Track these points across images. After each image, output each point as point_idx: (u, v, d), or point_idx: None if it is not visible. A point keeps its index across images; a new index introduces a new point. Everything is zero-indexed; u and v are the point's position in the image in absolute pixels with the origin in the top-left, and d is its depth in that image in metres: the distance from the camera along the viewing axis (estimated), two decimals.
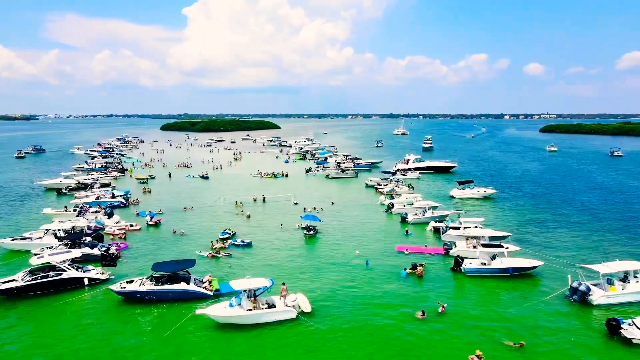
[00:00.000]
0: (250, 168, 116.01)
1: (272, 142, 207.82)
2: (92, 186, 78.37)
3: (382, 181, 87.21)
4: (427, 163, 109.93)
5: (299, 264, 43.18)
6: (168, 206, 68.75)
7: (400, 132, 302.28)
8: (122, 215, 61.37)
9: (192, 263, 35.98)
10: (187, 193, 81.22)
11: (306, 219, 54.53)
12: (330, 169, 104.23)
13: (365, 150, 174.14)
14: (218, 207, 68.44)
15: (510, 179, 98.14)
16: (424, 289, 37.03)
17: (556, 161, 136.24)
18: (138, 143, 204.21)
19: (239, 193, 79.19)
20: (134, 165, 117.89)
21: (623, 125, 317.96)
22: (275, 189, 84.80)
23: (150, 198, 76.57)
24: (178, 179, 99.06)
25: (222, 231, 52.29)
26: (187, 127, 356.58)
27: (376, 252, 46.43)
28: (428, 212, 59.06)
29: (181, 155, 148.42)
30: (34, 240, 46.90)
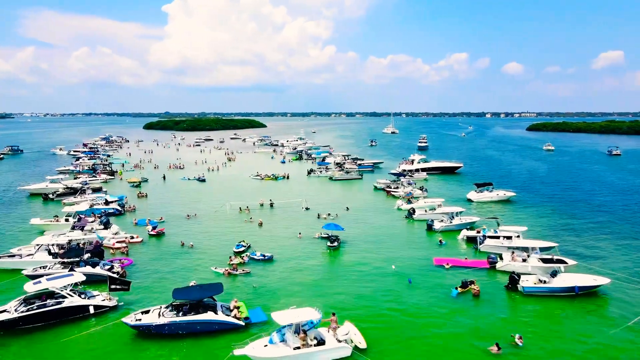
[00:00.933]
0: (246, 169, 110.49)
1: (263, 141, 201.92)
2: (83, 191, 71.98)
3: (391, 183, 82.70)
4: (433, 163, 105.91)
5: (330, 283, 38.25)
6: (168, 213, 63.07)
7: (390, 130, 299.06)
8: (117, 225, 55.65)
9: (220, 288, 30.72)
10: (185, 197, 75.50)
11: (328, 228, 49.55)
12: (334, 171, 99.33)
13: (361, 150, 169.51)
14: (223, 214, 63.02)
15: (520, 180, 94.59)
16: (482, 313, 32.47)
17: (558, 160, 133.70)
18: (123, 143, 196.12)
19: (241, 197, 73.81)
20: (123, 167, 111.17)
21: (609, 124, 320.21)
22: (278, 192, 79.69)
23: (147, 204, 70.65)
24: (173, 181, 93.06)
25: (237, 243, 46.96)
26: (172, 126, 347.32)
27: (412, 266, 41.78)
28: (456, 219, 54.66)
29: (171, 156, 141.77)
30: (25, 258, 41.01)
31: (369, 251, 46.55)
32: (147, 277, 39.54)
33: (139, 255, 45.21)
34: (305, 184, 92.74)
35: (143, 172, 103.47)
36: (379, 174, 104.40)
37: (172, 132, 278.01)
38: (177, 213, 63.62)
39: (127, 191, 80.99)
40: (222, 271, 40.48)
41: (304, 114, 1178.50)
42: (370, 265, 42.32)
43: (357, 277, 39.47)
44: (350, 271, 40.86)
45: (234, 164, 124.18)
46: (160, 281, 38.43)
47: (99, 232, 49.82)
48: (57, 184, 77.80)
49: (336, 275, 39.97)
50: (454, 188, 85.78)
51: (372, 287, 37.05)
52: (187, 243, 48.49)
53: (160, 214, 62.38)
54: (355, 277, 39.48)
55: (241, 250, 45.56)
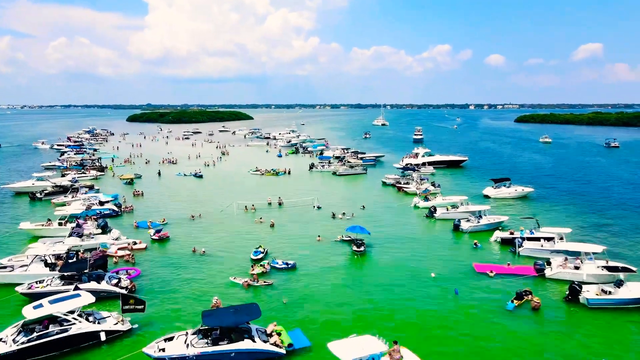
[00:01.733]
0: (243, 164, 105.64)
1: (254, 133, 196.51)
2: (76, 190, 66.54)
3: (401, 179, 78.87)
4: (437, 157, 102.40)
5: (366, 296, 34.23)
6: (169, 214, 58.29)
7: (381, 122, 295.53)
8: (115, 228, 50.81)
9: (257, 311, 26.30)
10: (184, 195, 70.58)
11: (353, 231, 45.40)
12: (337, 165, 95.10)
13: (355, 143, 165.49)
14: (230, 214, 58.44)
15: (528, 174, 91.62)
16: (547, 330, 28.84)
17: (559, 153, 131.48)
18: (108, 136, 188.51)
19: (243, 195, 69.28)
20: (113, 162, 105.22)
21: (596, 115, 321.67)
22: (281, 188, 75.33)
23: (144, 203, 65.58)
24: (168, 178, 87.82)
25: (255, 250, 42.54)
26: (156, 118, 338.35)
27: (452, 274, 38.01)
28: (484, 219, 51.04)
29: (161, 150, 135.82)
30: (17, 270, 36.06)
31: (398, 256, 42.64)
32: (159, 291, 35.01)
33: (144, 265, 40.57)
34: (308, 179, 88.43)
35: (134, 168, 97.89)
36: (382, 169, 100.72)
37: (158, 125, 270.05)
38: (179, 213, 58.85)
39: (120, 189, 75.73)
40: (241, 282, 36.17)
41: (289, 105, 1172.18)
42: (404, 273, 38.44)
43: (395, 288, 35.51)
44: (385, 281, 36.88)
45: (228, 158, 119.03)
46: (174, 296, 33.96)
47: (98, 238, 44.98)
48: (44, 181, 72.05)
49: (371, 286, 35.95)
50: (464, 183, 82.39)
51: (414, 300, 33.17)
52: (198, 249, 43.89)
53: (161, 214, 57.60)
54: (392, 288, 35.52)
55: (260, 258, 41.21)
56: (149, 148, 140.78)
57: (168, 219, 55.38)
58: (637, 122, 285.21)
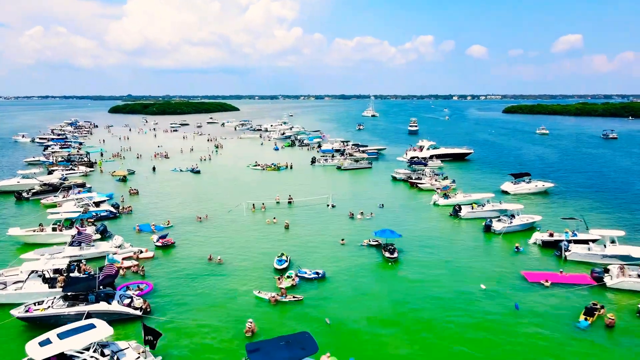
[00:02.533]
0: (240, 158, 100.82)
1: (245, 125, 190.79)
2: (67, 189, 61.16)
3: (412, 173, 75.11)
4: (442, 150, 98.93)
5: (415, 313, 30.32)
6: (171, 214, 53.62)
7: (370, 113, 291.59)
8: (114, 232, 46.09)
9: (313, 345, 22.00)
10: (184, 193, 65.74)
11: (382, 235, 41.40)
12: (341, 159, 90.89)
13: (350, 134, 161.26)
14: (239, 214, 53.94)
15: (537, 167, 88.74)
16: (634, 352, 25.35)
17: (560, 145, 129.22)
18: (92, 128, 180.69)
19: (247, 192, 64.89)
20: (102, 157, 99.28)
21: (584, 106, 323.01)
22: (284, 184, 71.29)
23: (141, 203, 60.61)
24: (163, 173, 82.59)
25: (278, 258, 38.22)
26: (139, 109, 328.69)
27: (502, 285, 34.35)
28: (516, 219, 47.53)
29: (150, 143, 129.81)
30: (10, 288, 31.22)
31: (434, 263, 38.85)
32: (177, 309, 30.58)
33: (155, 277, 36.02)
34: (311, 174, 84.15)
35: (125, 163, 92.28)
36: (384, 162, 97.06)
37: (143, 117, 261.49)
38: (183, 214, 54.15)
39: (113, 187, 70.52)
40: (267, 297, 31.92)
41: (273, 96, 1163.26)
42: (448, 284, 34.66)
43: (443, 302, 31.70)
44: (431, 293, 33.03)
45: (223, 151, 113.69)
46: (196, 316, 29.55)
47: (99, 246, 40.18)
48: (30, 179, 66.38)
49: (415, 300, 32.07)
50: (475, 177, 78.94)
51: (472, 317, 29.41)
52: (214, 257, 39.40)
53: (163, 215, 52.90)
54: (441, 302, 31.70)
55: (284, 267, 36.98)
56: (137, 141, 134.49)
57: (171, 220, 50.68)
58: (624, 113, 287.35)
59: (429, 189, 67.11)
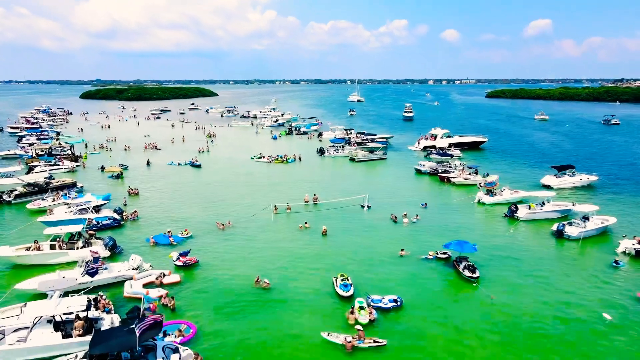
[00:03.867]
0: (239, 148, 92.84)
1: (231, 112, 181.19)
2: (56, 189, 52.48)
3: (439, 166, 68.81)
4: (456, 138, 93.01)
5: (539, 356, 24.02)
6: (185, 220, 46.01)
7: (356, 98, 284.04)
8: (125, 247, 38.39)
9: None
10: (190, 192, 57.85)
11: (455, 248, 34.84)
12: (353, 150, 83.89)
13: (343, 121, 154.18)
14: (265, 218, 46.61)
15: (558, 157, 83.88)
16: None
17: (567, 132, 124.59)
18: (67, 115, 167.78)
19: (261, 189, 57.74)
20: (87, 149, 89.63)
21: (566, 91, 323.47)
22: (298, 179, 65.39)
23: (144, 204, 52.53)
24: (159, 168, 74.05)
25: (342, 282, 31.19)
26: (114, 95, 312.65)
27: (626, 313, 28.27)
28: (591, 222, 41.71)
29: (134, 132, 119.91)
30: (9, 338, 23.48)
31: (521, 282, 32.61)
32: None
33: (187, 311, 28.67)
34: (323, 167, 77.08)
35: (114, 157, 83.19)
36: (394, 152, 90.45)
37: (120, 103, 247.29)
38: (199, 218, 46.57)
39: (107, 185, 62.03)
40: (340, 342, 24.98)
41: (248, 81, 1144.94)
42: (556, 313, 28.47)
43: (557, 338, 25.47)
44: (545, 328, 26.76)
45: (217, 141, 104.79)
46: None
47: (112, 269, 32.43)
48: (10, 179, 57.28)
49: (519, 338, 25.71)
50: (502, 169, 72.80)
51: None
52: (261, 280, 32.17)
53: (175, 222, 45.25)
54: (554, 339, 25.45)
55: (351, 294, 30.07)
56: (120, 130, 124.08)
57: (187, 227, 43.06)
58: (606, 97, 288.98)
59: (463, 184, 61.06)
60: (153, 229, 43.18)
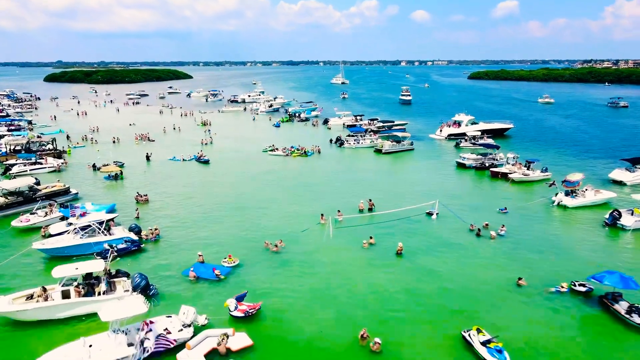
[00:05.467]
0: (243, 139, 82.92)
1: (216, 96, 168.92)
2: (49, 198, 41.93)
3: (486, 160, 60.97)
4: (482, 125, 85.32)
5: None
6: (216, 238, 36.76)
7: (340, 81, 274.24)
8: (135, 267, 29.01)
9: None
10: (209, 196, 48.21)
11: (614, 283, 26.25)
12: (374, 140, 75.11)
13: (335, 104, 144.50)
14: (320, 233, 37.76)
15: (595, 146, 77.59)
16: None
17: (583, 116, 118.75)
18: (35, 101, 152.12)
19: (293, 191, 48.84)
20: (69, 141, 77.84)
21: (550, 72, 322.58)
22: (327, 176, 56.59)
23: (158, 214, 42.76)
24: (161, 165, 63.67)
25: (492, 347, 22.74)
26: (82, 78, 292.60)
27: None
28: None
29: (116, 119, 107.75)
30: None
31: None
32: None
33: None
34: (347, 160, 68.22)
35: (101, 150, 72.10)
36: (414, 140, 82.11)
37: (91, 86, 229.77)
38: (235, 235, 37.41)
39: (104, 189, 51.72)
40: None
41: (218, 63, 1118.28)
42: None
43: None
44: None
45: (215, 130, 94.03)
46: None
47: (156, 325, 23.20)
48: None
49: None
50: (547, 161, 65.60)
51: None
52: (370, 338, 23.46)
53: (203, 241, 36.00)
54: None
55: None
56: (99, 118, 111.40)
57: (222, 249, 33.89)
58: (590, 78, 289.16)
59: (523, 180, 53.45)
60: (182, 254, 33.79)
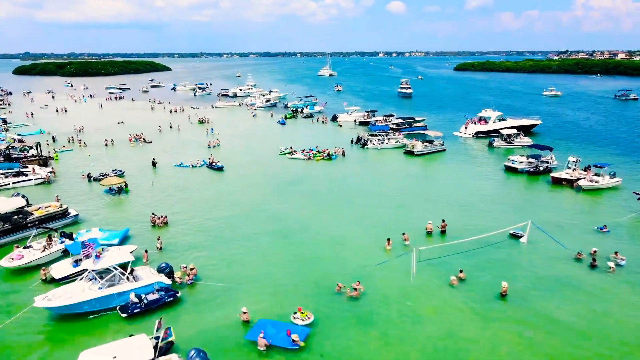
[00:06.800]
0: (251, 140, 74.52)
1: (204, 90, 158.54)
2: (42, 223, 33.03)
3: (539, 163, 54.27)
4: (510, 122, 78.79)
5: None
6: (267, 276, 28.99)
7: (328, 73, 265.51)
8: (180, 331, 21.23)
9: None
10: (235, 217, 40.10)
11: None
12: (409, 141, 67.45)
13: (329, 97, 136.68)
14: (391, 263, 30.26)
15: (637, 141, 72.12)
16: None
17: (601, 110, 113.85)
18: (6, 96, 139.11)
19: (339, 208, 41.13)
20: (54, 144, 68.08)
21: (537, 63, 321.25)
22: (361, 185, 48.04)
23: (183, 245, 34.50)
24: (166, 172, 54.98)
25: None
26: (54, 70, 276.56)
27: None
28: None
29: (100, 117, 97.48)
30: None
31: None
32: None
33: None
34: (377, 165, 60.81)
35: (92, 155, 62.86)
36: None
37: (66, 79, 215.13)
38: (291, 274, 29.62)
39: (104, 206, 43.00)
40: None
41: (193, 54, 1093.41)
42: None
43: None
44: None
45: (212, 128, 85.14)
46: None
47: None
48: None
49: None
50: None
51: None
52: None
53: (248, 281, 28.19)
54: None
55: None
56: (81, 115, 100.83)
57: (281, 295, 26.17)
58: (577, 70, 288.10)
59: (593, 188, 46.95)
60: (231, 305, 25.84)
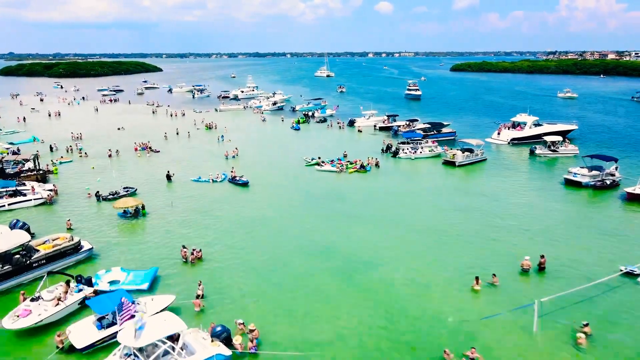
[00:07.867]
0: (268, 148, 67.91)
1: (203, 92, 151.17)
2: (50, 262, 26.30)
3: (603, 175, 48.53)
4: (546, 127, 73.18)
5: None
6: (344, 335, 22.63)
7: (325, 74, 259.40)
8: None
9: None
10: (278, 246, 33.75)
11: None
12: (450, 151, 61.14)
13: (333, 99, 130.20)
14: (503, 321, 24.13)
15: None
16: None
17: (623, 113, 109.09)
18: None
19: (411, 242, 34.97)
20: (52, 154, 60.80)
21: (534, 64, 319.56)
22: (404, 203, 41.54)
23: (225, 289, 28.04)
24: (183, 188, 48.23)
25: None
26: (41, 71, 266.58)
27: None
28: None
29: (97, 121, 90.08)
30: None
31: None
32: None
33: None
34: (414, 176, 54.64)
35: (93, 166, 55.88)
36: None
37: (56, 81, 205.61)
38: (377, 335, 23.27)
39: (117, 233, 36.27)
40: None
41: (182, 55, 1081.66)
42: None
43: None
44: None
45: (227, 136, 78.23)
46: None
47: None
48: None
49: None
50: None
51: None
52: None
53: (324, 346, 21.82)
54: None
55: None
56: (76, 120, 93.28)
57: None
58: (575, 70, 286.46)
59: None
60: None
